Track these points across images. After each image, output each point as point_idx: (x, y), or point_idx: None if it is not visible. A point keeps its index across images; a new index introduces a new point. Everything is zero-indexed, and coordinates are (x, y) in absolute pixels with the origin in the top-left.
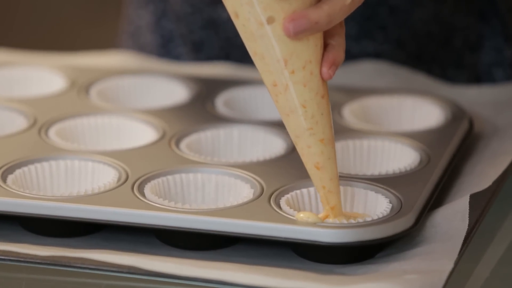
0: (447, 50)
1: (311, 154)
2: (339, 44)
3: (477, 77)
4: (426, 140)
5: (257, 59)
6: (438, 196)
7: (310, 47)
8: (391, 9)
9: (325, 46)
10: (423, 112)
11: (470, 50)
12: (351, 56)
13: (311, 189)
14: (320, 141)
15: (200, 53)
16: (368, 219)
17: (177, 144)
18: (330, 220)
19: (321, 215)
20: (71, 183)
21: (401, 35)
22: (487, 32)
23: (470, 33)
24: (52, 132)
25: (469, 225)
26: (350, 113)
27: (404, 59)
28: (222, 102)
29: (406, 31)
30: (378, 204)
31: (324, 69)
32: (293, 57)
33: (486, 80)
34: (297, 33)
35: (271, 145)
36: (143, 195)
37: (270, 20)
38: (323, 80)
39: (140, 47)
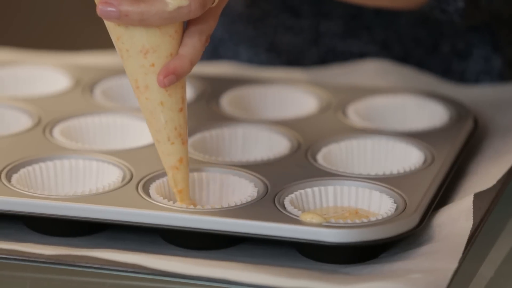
0: (435, 56)
1: (170, 156)
2: (186, 55)
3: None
4: (430, 139)
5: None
6: (443, 196)
7: (172, 42)
8: (376, 10)
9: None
10: (427, 111)
11: (458, 57)
12: (336, 54)
13: (315, 189)
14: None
15: None
16: (373, 219)
17: None
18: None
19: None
20: (76, 182)
21: (386, 37)
22: (476, 40)
23: (458, 40)
24: (57, 131)
25: (473, 224)
26: (354, 112)
27: (389, 61)
28: (226, 101)
29: (392, 33)
30: (383, 204)
31: (160, 77)
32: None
33: None
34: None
35: (276, 145)
36: (148, 194)
37: None
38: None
39: None
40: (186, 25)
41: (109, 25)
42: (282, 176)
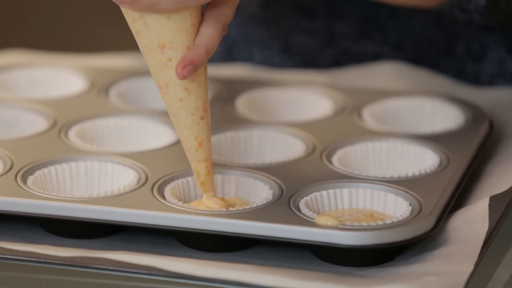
0: (449, 58)
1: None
2: (202, 44)
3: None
4: (446, 142)
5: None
6: (458, 199)
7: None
8: (390, 11)
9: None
10: (443, 114)
11: (472, 59)
12: (350, 55)
13: (331, 191)
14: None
15: None
16: (388, 221)
17: None
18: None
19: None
20: (91, 184)
21: (400, 39)
22: (490, 42)
23: (472, 42)
24: (72, 133)
25: (489, 227)
26: (370, 114)
27: (404, 63)
28: (242, 104)
29: (406, 35)
30: (398, 207)
31: (179, 69)
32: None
33: None
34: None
35: (291, 147)
36: (163, 196)
37: None
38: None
39: None
40: (203, 16)
41: (128, 20)
42: (297, 179)
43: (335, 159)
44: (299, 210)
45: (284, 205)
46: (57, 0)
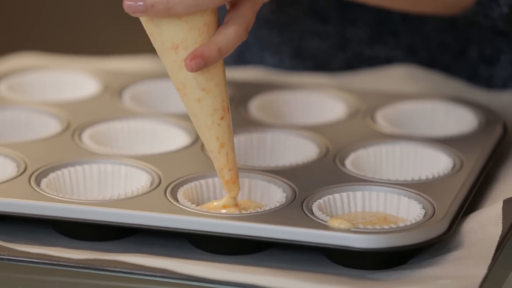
0: (462, 61)
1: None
2: (215, 42)
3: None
4: (459, 145)
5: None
6: (472, 202)
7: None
8: (403, 15)
9: None
10: (456, 117)
11: (485, 63)
12: (362, 59)
13: (344, 194)
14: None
15: None
16: (401, 224)
17: None
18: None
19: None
20: (104, 187)
21: (413, 42)
22: (504, 46)
23: (486, 46)
24: (86, 136)
25: (502, 230)
26: (383, 118)
27: (417, 66)
28: (255, 107)
29: (419, 38)
30: (411, 210)
31: (187, 60)
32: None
33: None
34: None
35: (304, 150)
36: (176, 199)
37: None
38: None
39: None
40: (224, 18)
41: (142, 23)
42: (310, 181)
43: (348, 162)
44: (312, 213)
45: (297, 208)
46: (70, 2)
